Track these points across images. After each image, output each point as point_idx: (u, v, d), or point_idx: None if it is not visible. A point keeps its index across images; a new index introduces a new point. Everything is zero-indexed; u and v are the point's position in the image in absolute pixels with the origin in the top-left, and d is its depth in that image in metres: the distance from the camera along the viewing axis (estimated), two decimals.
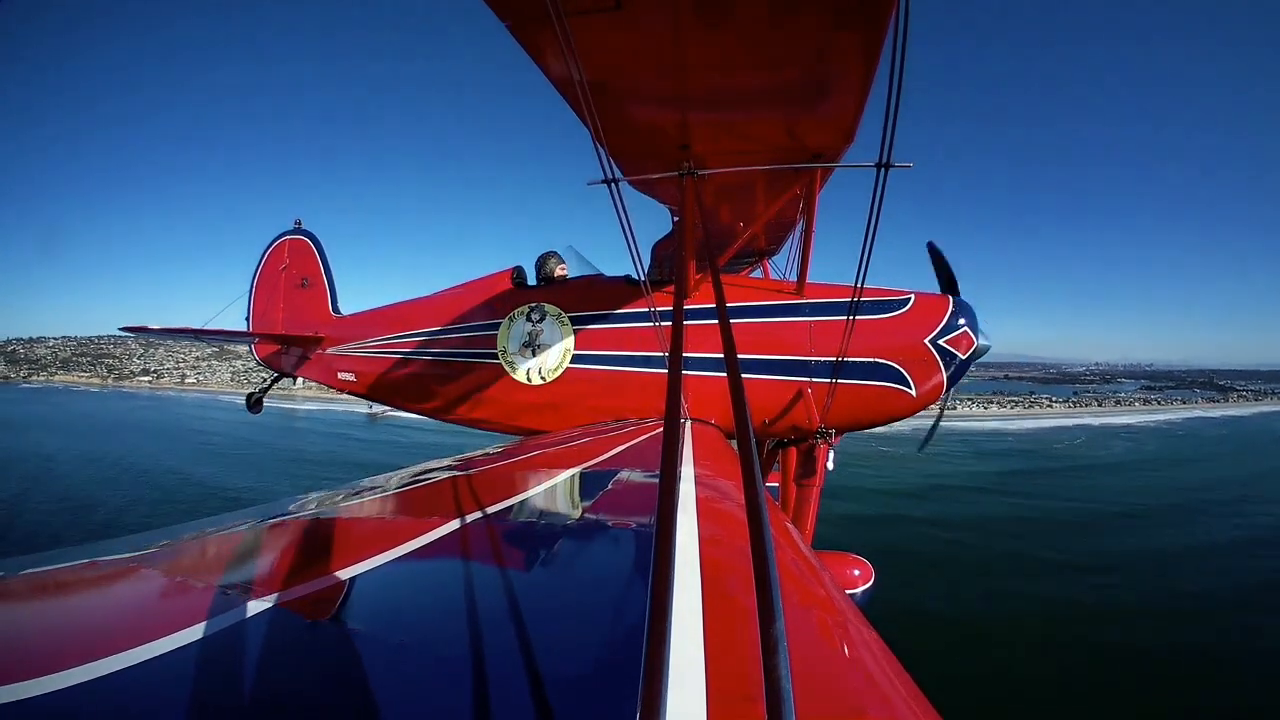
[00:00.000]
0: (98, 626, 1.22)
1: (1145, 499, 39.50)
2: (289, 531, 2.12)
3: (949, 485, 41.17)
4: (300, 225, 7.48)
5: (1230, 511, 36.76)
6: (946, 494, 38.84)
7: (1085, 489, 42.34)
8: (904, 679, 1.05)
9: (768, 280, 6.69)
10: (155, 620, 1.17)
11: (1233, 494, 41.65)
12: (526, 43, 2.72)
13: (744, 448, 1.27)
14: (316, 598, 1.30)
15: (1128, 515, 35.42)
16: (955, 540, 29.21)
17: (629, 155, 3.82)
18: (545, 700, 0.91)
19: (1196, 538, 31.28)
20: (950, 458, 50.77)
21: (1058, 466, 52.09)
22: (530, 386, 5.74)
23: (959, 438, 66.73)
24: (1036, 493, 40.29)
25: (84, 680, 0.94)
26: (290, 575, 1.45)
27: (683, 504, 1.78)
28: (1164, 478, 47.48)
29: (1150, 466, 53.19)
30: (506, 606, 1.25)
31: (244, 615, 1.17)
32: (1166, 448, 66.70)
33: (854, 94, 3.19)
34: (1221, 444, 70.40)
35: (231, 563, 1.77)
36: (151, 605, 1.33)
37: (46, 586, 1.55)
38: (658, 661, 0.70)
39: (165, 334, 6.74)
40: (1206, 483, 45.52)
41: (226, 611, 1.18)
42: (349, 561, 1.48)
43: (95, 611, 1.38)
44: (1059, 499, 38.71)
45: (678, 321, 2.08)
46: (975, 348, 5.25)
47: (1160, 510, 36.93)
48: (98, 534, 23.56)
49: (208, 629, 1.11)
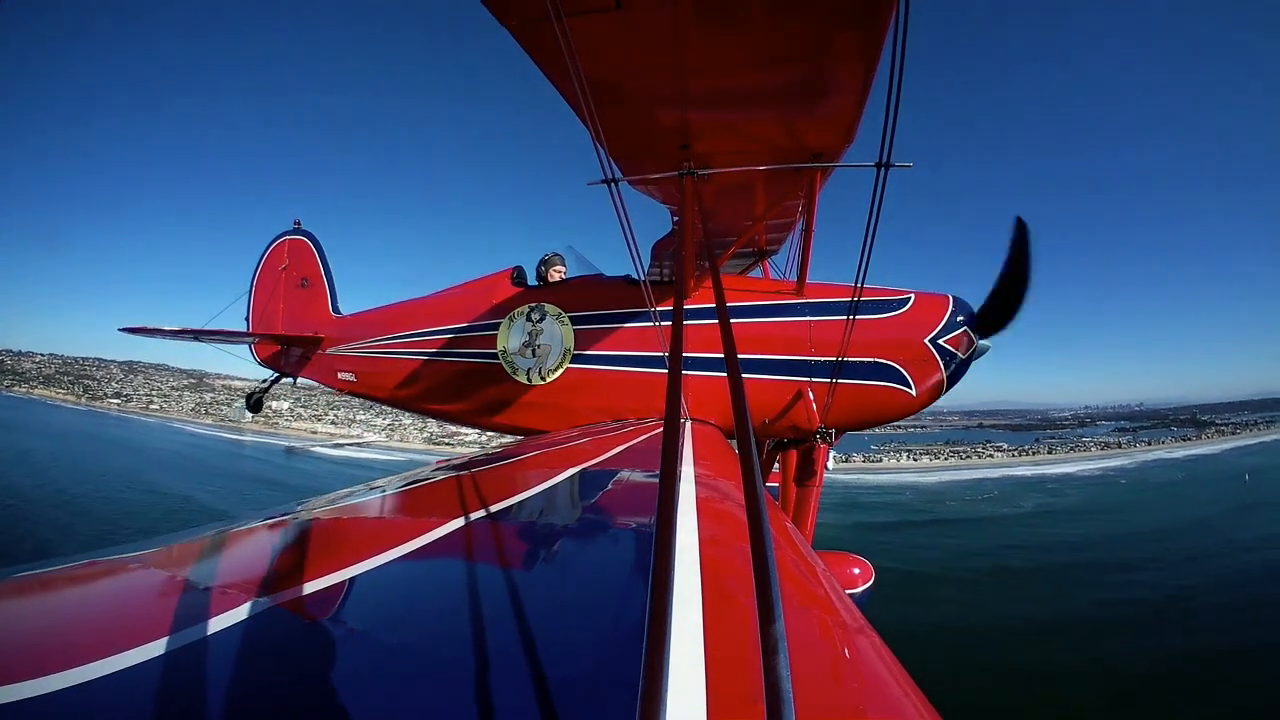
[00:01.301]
0: (97, 627, 1.22)
1: (979, 561, 34.72)
2: (289, 532, 2.12)
3: None
4: (300, 225, 7.48)
5: (1087, 579, 31.40)
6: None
7: (922, 546, 37.78)
8: (904, 679, 1.05)
9: (768, 280, 6.69)
10: (155, 621, 1.17)
11: (1115, 556, 36.10)
12: (527, 43, 2.72)
13: (744, 448, 1.27)
14: (317, 598, 1.30)
15: (940, 579, 30.67)
16: None
17: (629, 155, 3.82)
18: (545, 700, 0.91)
19: (1001, 614, 25.41)
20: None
21: (923, 520, 49.44)
22: (530, 386, 5.74)
23: (844, 489, 64.82)
24: (863, 548, 37.61)
25: (84, 680, 0.94)
26: (290, 576, 1.45)
27: (683, 504, 1.77)
28: (1044, 534, 42.81)
29: (1046, 521, 49.31)
30: (506, 607, 1.25)
31: (244, 616, 1.17)
32: (1089, 499, 63.77)
33: (854, 94, 3.20)
34: (1161, 490, 67.08)
35: (231, 563, 1.77)
36: (151, 606, 1.33)
37: (46, 587, 1.55)
38: (658, 661, 0.70)
39: (165, 334, 6.74)
40: (1091, 540, 40.50)
41: (226, 612, 1.18)
42: (349, 562, 1.48)
43: (95, 612, 1.38)
44: (878, 555, 36.61)
45: (678, 321, 2.08)
46: (975, 347, 5.25)
47: (986, 573, 32.29)
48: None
49: (208, 630, 1.11)
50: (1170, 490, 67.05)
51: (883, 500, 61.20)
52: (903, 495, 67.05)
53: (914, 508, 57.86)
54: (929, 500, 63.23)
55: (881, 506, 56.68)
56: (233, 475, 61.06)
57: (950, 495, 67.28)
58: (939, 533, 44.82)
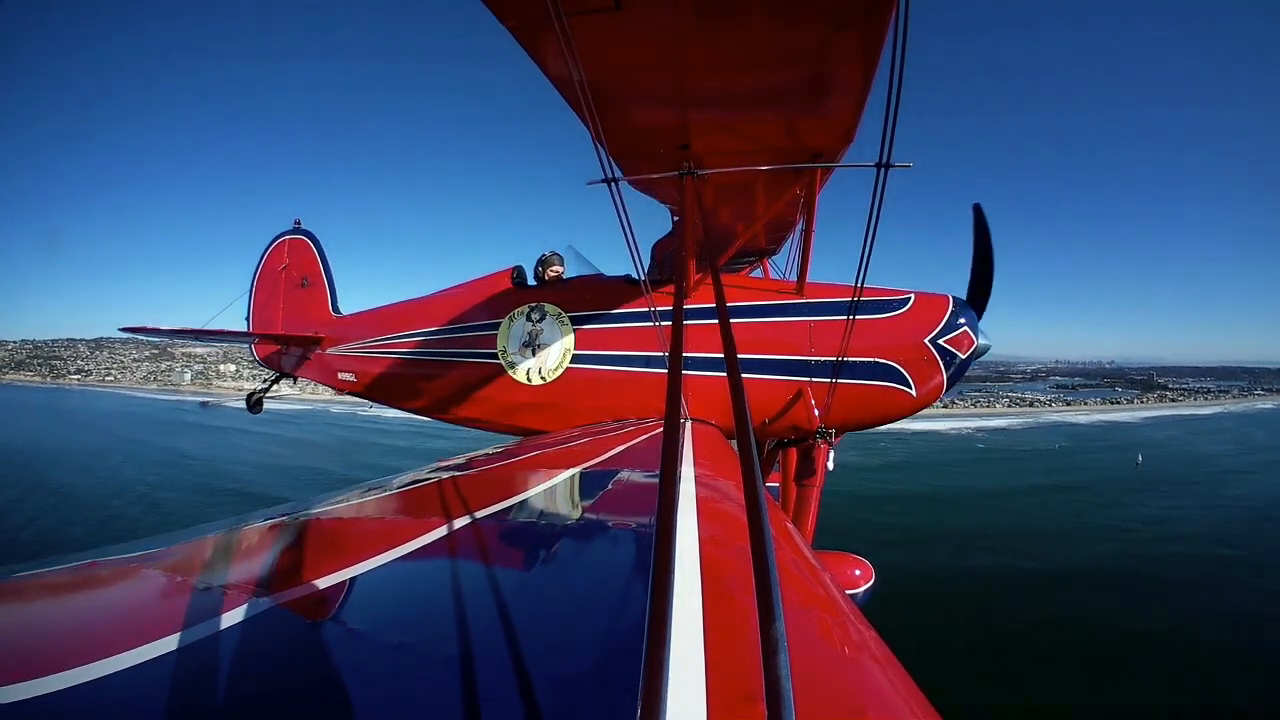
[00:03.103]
0: (99, 627, 1.22)
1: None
2: (289, 532, 2.12)
3: None
4: (300, 225, 7.47)
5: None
6: None
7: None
8: (904, 679, 1.05)
9: (768, 280, 6.69)
10: (156, 621, 1.17)
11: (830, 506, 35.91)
12: (527, 43, 2.72)
13: (744, 448, 1.27)
14: (317, 598, 1.30)
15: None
16: None
17: (629, 155, 3.82)
18: (546, 700, 0.91)
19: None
20: None
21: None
22: (530, 386, 5.73)
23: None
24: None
25: (85, 680, 0.94)
26: (291, 576, 1.45)
27: (683, 504, 1.77)
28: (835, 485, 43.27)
29: (847, 473, 49.50)
30: (507, 606, 1.25)
31: (245, 616, 1.17)
32: (917, 454, 64.02)
33: (854, 94, 3.20)
34: (1007, 458, 67.12)
35: (232, 564, 1.77)
36: (152, 606, 1.33)
37: (48, 587, 1.55)
38: (658, 661, 0.70)
39: (164, 334, 6.73)
40: (837, 492, 40.47)
41: (227, 612, 1.18)
42: (349, 562, 1.48)
43: (96, 612, 1.38)
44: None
45: (678, 321, 2.08)
46: (975, 347, 5.25)
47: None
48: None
49: (208, 630, 1.11)
50: (1013, 459, 66.81)
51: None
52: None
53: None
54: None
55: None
56: (136, 423, 77.83)
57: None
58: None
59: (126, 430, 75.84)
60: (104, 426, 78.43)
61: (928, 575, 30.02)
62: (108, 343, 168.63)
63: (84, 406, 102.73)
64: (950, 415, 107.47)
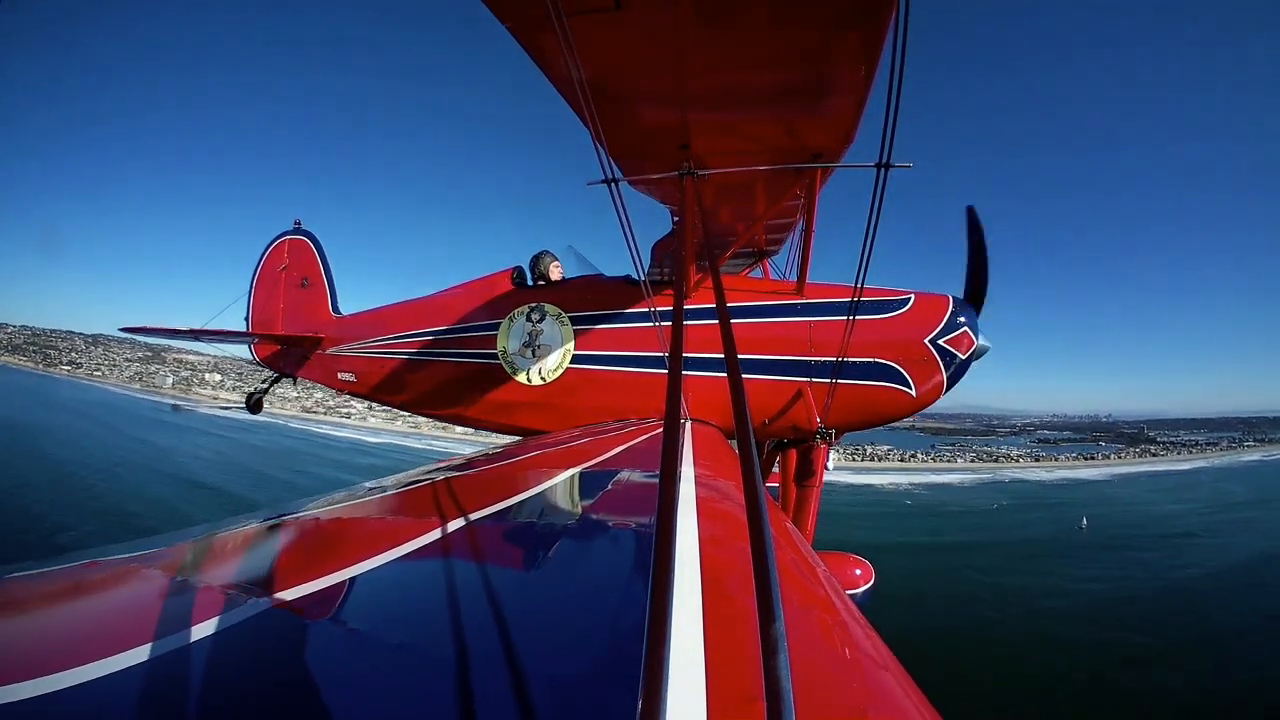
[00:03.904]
0: (98, 627, 1.22)
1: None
2: (289, 532, 2.12)
3: None
4: (300, 225, 7.47)
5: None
6: None
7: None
8: (904, 679, 1.05)
9: (768, 280, 6.69)
10: (156, 621, 1.17)
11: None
12: (527, 43, 2.72)
13: (744, 448, 1.27)
14: (317, 598, 1.30)
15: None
16: None
17: (629, 155, 3.82)
18: (546, 700, 0.91)
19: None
20: None
21: None
22: (530, 386, 5.73)
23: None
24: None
25: (85, 680, 0.94)
26: (290, 576, 1.45)
27: (683, 504, 1.77)
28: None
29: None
30: (507, 607, 1.25)
31: (244, 616, 1.17)
32: (846, 504, 60.15)
33: (854, 94, 3.20)
34: (929, 514, 63.83)
35: (232, 564, 1.77)
36: (152, 606, 1.33)
37: (47, 588, 1.55)
38: (658, 661, 0.70)
39: (164, 334, 6.73)
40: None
41: (227, 612, 1.18)
42: (349, 562, 1.48)
43: (96, 612, 1.38)
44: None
45: (678, 321, 2.08)
46: (975, 347, 5.25)
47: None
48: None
49: (208, 630, 1.11)
50: (935, 518, 62.59)
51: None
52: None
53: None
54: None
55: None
56: (103, 418, 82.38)
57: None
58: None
59: (102, 416, 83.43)
60: (84, 412, 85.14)
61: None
62: (105, 340, 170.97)
63: (65, 395, 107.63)
64: (903, 469, 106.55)
